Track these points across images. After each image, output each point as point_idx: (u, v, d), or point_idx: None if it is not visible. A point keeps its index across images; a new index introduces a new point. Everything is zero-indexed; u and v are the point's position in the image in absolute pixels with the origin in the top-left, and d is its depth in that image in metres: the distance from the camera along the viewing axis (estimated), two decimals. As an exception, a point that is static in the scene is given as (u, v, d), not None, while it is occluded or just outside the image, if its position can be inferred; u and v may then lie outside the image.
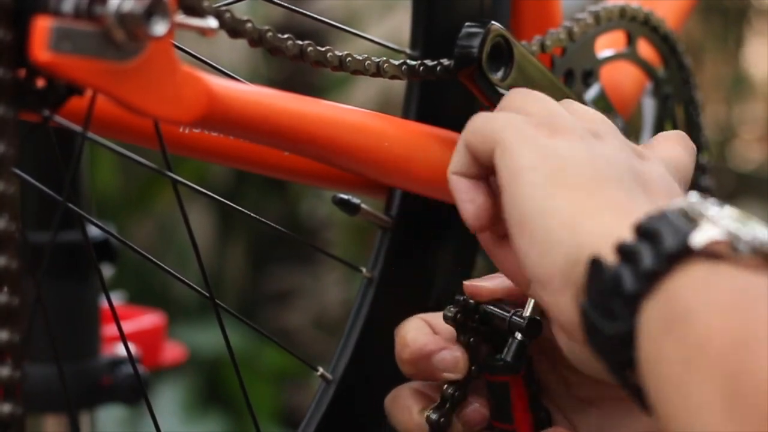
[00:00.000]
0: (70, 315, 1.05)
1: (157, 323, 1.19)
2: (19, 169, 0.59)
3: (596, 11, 0.85)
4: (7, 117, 0.56)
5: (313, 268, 2.83)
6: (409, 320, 0.74)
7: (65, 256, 1.03)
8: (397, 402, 0.74)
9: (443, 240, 0.84)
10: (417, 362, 0.72)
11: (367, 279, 0.82)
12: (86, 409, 1.08)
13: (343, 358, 0.81)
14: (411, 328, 0.73)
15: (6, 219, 0.57)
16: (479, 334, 0.72)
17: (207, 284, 0.73)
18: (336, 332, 2.57)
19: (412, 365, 0.72)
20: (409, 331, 0.73)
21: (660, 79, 0.92)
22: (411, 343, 0.72)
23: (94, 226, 0.78)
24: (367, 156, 0.75)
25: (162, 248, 2.68)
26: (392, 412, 0.74)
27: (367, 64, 0.74)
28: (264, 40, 0.69)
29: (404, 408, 0.73)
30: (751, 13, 3.78)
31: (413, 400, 0.73)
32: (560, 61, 0.83)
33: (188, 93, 0.63)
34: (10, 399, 0.57)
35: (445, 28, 0.80)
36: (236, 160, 0.78)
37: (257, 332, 0.78)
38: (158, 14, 0.58)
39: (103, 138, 0.71)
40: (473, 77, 0.76)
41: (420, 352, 0.72)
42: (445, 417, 0.71)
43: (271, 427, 2.44)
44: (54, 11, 0.57)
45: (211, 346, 2.37)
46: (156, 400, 2.31)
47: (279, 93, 0.70)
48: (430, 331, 0.73)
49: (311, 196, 2.79)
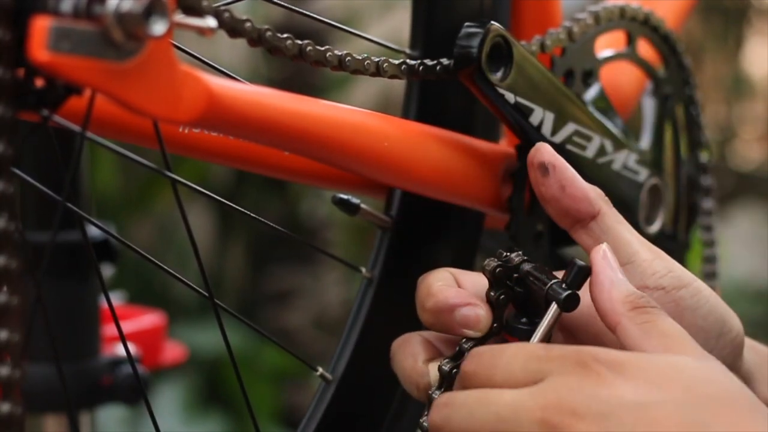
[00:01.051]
0: (70, 315, 1.05)
1: (157, 323, 1.19)
2: (19, 169, 0.59)
3: (596, 11, 0.85)
4: (6, 117, 0.56)
5: (313, 268, 2.83)
6: (437, 271, 0.73)
7: (65, 256, 1.03)
8: (405, 348, 0.73)
9: (443, 240, 0.83)
10: (439, 314, 0.71)
11: (366, 279, 0.82)
12: (86, 409, 1.08)
13: (342, 358, 0.80)
14: (438, 278, 0.72)
15: (5, 219, 0.56)
16: (511, 293, 0.71)
17: (206, 284, 0.73)
18: (336, 332, 2.57)
19: (434, 315, 0.71)
20: (435, 282, 0.72)
21: (660, 79, 0.92)
22: (436, 293, 0.71)
23: (94, 226, 0.78)
24: (367, 156, 0.75)
25: (162, 248, 2.68)
26: (397, 357, 0.73)
27: (367, 63, 0.74)
28: (263, 39, 0.69)
29: (410, 354, 0.73)
30: (751, 13, 3.79)
31: (421, 348, 0.73)
32: (560, 61, 0.83)
33: (187, 93, 0.63)
34: (9, 398, 0.57)
35: (445, 28, 0.80)
36: (236, 160, 0.78)
37: (257, 332, 0.78)
38: (157, 14, 0.58)
39: (102, 138, 0.71)
40: (473, 77, 0.76)
41: (444, 304, 0.71)
42: (457, 369, 0.70)
43: (271, 427, 2.44)
44: (53, 11, 0.57)
45: (211, 346, 2.37)
46: (156, 400, 2.31)
47: (279, 93, 0.70)
48: (455, 284, 0.72)
49: (311, 196, 2.79)
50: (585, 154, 0.83)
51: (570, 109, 0.81)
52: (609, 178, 0.85)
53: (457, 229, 0.84)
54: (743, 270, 3.12)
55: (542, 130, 0.80)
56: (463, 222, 0.84)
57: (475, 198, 0.81)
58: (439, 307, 0.71)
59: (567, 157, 0.82)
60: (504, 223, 0.82)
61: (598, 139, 0.83)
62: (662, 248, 0.92)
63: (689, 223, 0.95)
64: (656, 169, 0.89)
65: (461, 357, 0.70)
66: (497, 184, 0.81)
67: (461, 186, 0.80)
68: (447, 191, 0.80)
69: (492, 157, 0.81)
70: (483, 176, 0.80)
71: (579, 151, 0.82)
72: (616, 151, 0.85)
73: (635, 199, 0.88)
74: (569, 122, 0.81)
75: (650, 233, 0.90)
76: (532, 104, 0.79)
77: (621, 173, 0.86)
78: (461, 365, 0.69)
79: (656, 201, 0.90)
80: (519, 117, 0.79)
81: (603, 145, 0.84)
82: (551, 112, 0.80)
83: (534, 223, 0.83)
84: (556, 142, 0.81)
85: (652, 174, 0.89)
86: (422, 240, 0.83)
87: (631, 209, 0.88)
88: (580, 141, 0.82)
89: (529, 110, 0.79)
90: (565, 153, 0.82)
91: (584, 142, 0.82)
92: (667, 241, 0.93)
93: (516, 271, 0.71)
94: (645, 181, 0.88)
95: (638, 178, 0.87)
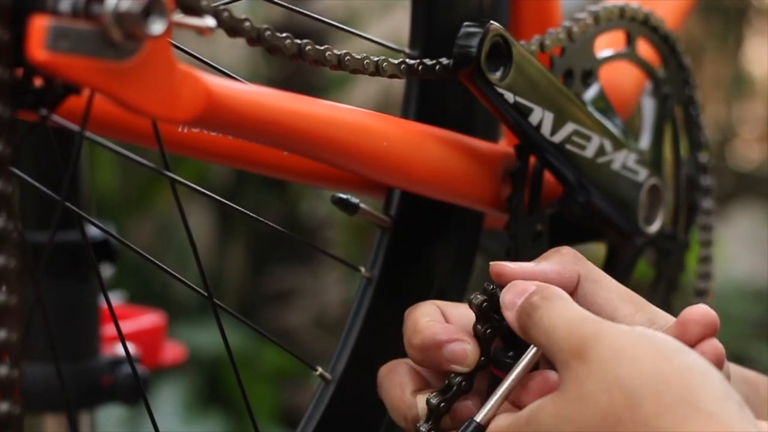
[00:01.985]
0: (70, 315, 1.05)
1: (157, 323, 1.19)
2: (18, 169, 0.59)
3: (596, 11, 0.85)
4: (5, 116, 0.56)
5: (313, 268, 2.83)
6: (423, 305, 0.73)
7: (65, 256, 1.03)
8: (392, 377, 0.73)
9: (442, 240, 0.83)
10: (426, 350, 0.71)
11: (366, 279, 0.82)
12: (86, 409, 1.08)
13: (342, 357, 0.80)
14: (424, 313, 0.72)
15: (5, 219, 0.56)
16: (498, 327, 0.71)
17: (206, 284, 0.73)
18: (336, 332, 2.57)
19: (421, 352, 0.71)
20: (421, 317, 0.72)
21: (659, 79, 0.92)
22: (423, 329, 0.71)
23: (94, 226, 0.78)
24: (367, 156, 0.75)
25: (162, 248, 2.68)
26: (384, 385, 0.73)
27: (366, 63, 0.74)
28: (262, 39, 0.68)
29: (398, 385, 0.73)
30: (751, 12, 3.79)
31: (409, 378, 0.73)
32: (560, 61, 0.83)
33: (186, 92, 0.63)
34: (8, 398, 0.57)
35: (445, 27, 0.80)
36: (236, 160, 0.78)
37: (257, 332, 0.78)
38: (156, 13, 0.58)
39: (102, 138, 0.71)
40: (472, 77, 0.76)
41: (431, 341, 0.71)
42: (445, 403, 0.70)
43: (271, 426, 2.43)
44: (51, 10, 0.57)
45: (211, 346, 2.37)
46: (156, 400, 2.31)
47: (278, 93, 0.70)
48: (442, 319, 0.72)
49: (311, 196, 2.79)
50: (584, 153, 0.83)
51: (569, 109, 0.81)
52: (608, 178, 0.85)
53: (457, 229, 0.84)
54: (743, 270, 3.12)
55: (541, 129, 0.80)
56: (463, 222, 0.84)
57: (475, 198, 0.81)
58: (426, 344, 0.71)
59: (566, 157, 0.82)
60: (504, 223, 0.82)
61: (598, 139, 0.83)
62: (662, 248, 0.92)
63: (689, 223, 0.95)
64: (656, 169, 0.89)
65: (449, 391, 0.71)
66: (497, 184, 0.81)
67: (461, 186, 0.80)
68: (446, 191, 0.80)
69: (491, 157, 0.81)
70: (482, 176, 0.80)
71: (578, 151, 0.82)
72: (615, 150, 0.85)
73: (635, 198, 0.88)
74: (568, 122, 0.81)
75: (650, 233, 0.90)
76: (532, 104, 0.79)
77: (620, 173, 0.86)
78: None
79: (656, 201, 0.89)
80: (518, 117, 0.79)
81: (602, 144, 0.84)
82: (550, 112, 0.80)
83: (534, 223, 0.83)
84: (556, 142, 0.81)
85: (651, 174, 0.88)
86: (422, 240, 0.83)
87: (630, 209, 0.88)
88: (579, 141, 0.82)
89: (529, 110, 0.79)
90: (564, 153, 0.82)
91: (584, 141, 0.82)
92: (667, 241, 0.93)
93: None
94: (644, 181, 0.88)
95: (638, 178, 0.87)
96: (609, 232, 0.89)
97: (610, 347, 0.64)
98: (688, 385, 0.62)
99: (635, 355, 0.63)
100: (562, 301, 0.67)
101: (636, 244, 0.90)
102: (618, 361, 0.63)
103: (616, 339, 0.64)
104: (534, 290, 0.69)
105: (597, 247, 0.93)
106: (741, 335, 2.86)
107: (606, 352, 0.63)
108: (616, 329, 0.65)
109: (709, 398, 0.61)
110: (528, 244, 0.82)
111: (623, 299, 0.71)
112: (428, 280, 0.83)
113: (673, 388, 0.61)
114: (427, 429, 0.70)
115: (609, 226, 0.88)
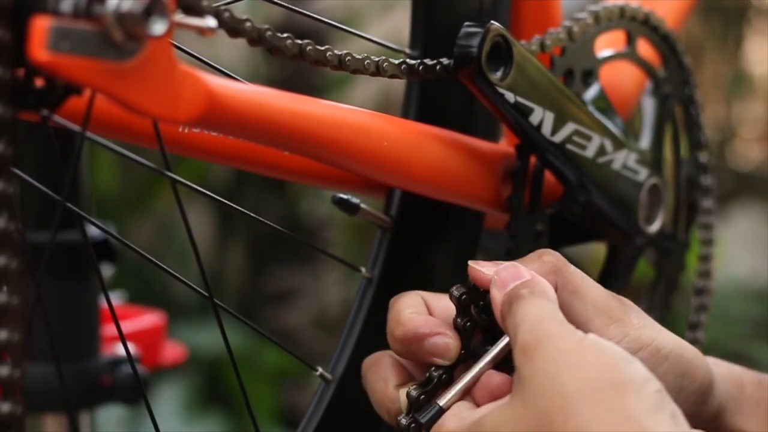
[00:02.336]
0: (70, 315, 1.05)
1: (157, 323, 1.19)
2: (19, 169, 0.59)
3: (596, 11, 0.85)
4: (6, 117, 0.56)
5: (313, 268, 2.83)
6: (407, 295, 0.73)
7: (65, 256, 1.03)
8: (376, 370, 0.73)
9: (442, 240, 0.83)
10: (409, 343, 0.71)
11: (366, 279, 0.82)
12: (86, 409, 1.08)
13: (342, 357, 0.81)
14: (407, 305, 0.72)
15: (5, 219, 0.56)
16: (477, 321, 0.72)
17: (206, 284, 0.73)
18: (336, 332, 2.57)
19: (403, 345, 0.72)
20: (404, 309, 0.72)
21: (660, 78, 0.92)
22: (405, 322, 0.71)
23: (94, 226, 0.78)
24: (367, 156, 0.75)
25: (162, 248, 2.68)
26: (368, 378, 0.74)
27: (367, 63, 0.74)
28: (263, 39, 0.69)
29: (382, 378, 0.73)
30: (751, 12, 3.78)
31: (392, 372, 0.73)
32: (560, 61, 0.83)
33: (187, 92, 0.63)
34: (9, 398, 0.57)
35: (445, 27, 0.80)
36: (236, 160, 0.78)
37: (257, 332, 0.78)
38: (157, 14, 0.58)
39: (102, 138, 0.71)
40: (472, 77, 0.76)
41: (412, 334, 0.71)
42: (425, 396, 0.71)
43: (271, 426, 2.43)
44: (53, 11, 0.57)
45: (211, 346, 2.37)
46: (156, 400, 2.31)
47: (279, 93, 0.70)
48: (425, 311, 0.72)
49: (311, 196, 2.79)
50: (585, 153, 0.83)
51: (570, 109, 0.81)
52: (609, 178, 0.85)
53: (457, 229, 0.84)
54: (743, 270, 3.12)
55: (542, 129, 0.80)
56: (463, 222, 0.84)
57: (475, 198, 0.81)
58: (407, 337, 0.71)
59: (567, 157, 0.82)
60: (504, 223, 0.82)
61: (598, 139, 0.83)
62: (662, 248, 0.92)
63: (689, 222, 0.95)
64: (656, 169, 0.89)
65: (430, 384, 0.71)
66: (497, 183, 0.81)
67: (461, 186, 0.80)
68: (447, 191, 0.80)
69: (492, 156, 0.81)
70: (483, 176, 0.80)
71: (579, 151, 0.82)
72: (615, 150, 0.85)
73: (635, 198, 0.88)
74: (569, 122, 0.81)
75: (650, 233, 0.90)
76: (532, 104, 0.79)
77: (621, 173, 0.86)
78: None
79: (656, 200, 0.89)
80: (519, 116, 0.79)
81: (603, 144, 0.84)
82: (551, 112, 0.80)
83: (534, 223, 0.83)
84: (556, 142, 0.81)
85: (651, 173, 0.88)
86: (422, 240, 0.83)
87: (631, 209, 0.88)
88: (579, 140, 0.82)
89: (529, 110, 0.79)
90: (564, 152, 0.82)
91: (584, 141, 0.82)
92: (667, 241, 0.93)
93: (482, 298, 0.72)
94: (645, 180, 0.88)
95: (638, 177, 0.87)
96: (609, 231, 0.89)
97: (557, 350, 0.64)
98: (623, 395, 0.62)
99: (580, 362, 0.63)
100: (543, 301, 0.68)
101: (636, 243, 0.90)
102: (562, 365, 0.63)
103: (564, 343, 0.64)
104: (527, 281, 0.69)
105: (597, 246, 0.93)
106: (741, 335, 2.86)
107: (552, 355, 0.64)
108: (569, 334, 0.65)
109: (643, 409, 0.62)
110: (528, 244, 0.82)
111: (598, 311, 0.71)
112: (428, 280, 0.83)
113: (608, 398, 0.62)
114: (407, 422, 0.70)
115: (609, 225, 0.88)
